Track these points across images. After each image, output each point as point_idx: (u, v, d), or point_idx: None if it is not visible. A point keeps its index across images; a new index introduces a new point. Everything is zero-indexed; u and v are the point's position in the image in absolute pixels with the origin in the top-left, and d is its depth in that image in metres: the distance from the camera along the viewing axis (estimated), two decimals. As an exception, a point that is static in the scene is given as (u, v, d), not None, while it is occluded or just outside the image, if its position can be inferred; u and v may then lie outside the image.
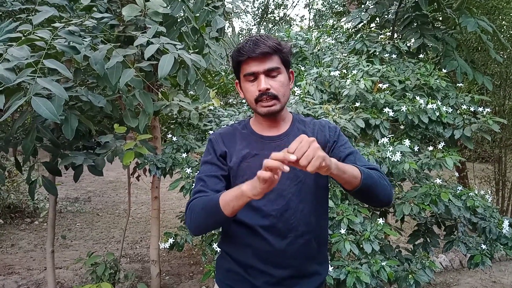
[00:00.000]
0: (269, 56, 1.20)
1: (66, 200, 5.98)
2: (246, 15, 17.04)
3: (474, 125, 2.60)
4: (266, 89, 1.19)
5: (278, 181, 1.17)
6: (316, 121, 1.38)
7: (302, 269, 1.27)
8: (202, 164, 1.31)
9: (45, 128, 2.23)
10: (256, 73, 1.20)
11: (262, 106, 1.22)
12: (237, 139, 1.30)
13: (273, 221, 1.23)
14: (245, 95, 1.28)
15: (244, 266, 1.27)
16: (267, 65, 1.20)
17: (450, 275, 3.79)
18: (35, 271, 3.67)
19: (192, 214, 1.17)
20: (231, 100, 4.16)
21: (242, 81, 1.26)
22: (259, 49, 1.18)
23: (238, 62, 1.23)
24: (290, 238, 1.23)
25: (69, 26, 1.88)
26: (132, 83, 1.92)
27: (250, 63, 1.20)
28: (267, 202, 1.23)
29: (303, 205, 1.26)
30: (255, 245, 1.25)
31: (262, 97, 1.21)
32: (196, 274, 3.70)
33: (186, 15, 2.41)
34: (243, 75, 1.23)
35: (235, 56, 1.24)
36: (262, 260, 1.24)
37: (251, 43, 1.19)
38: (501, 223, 2.50)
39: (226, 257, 1.33)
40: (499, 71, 4.30)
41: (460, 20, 3.26)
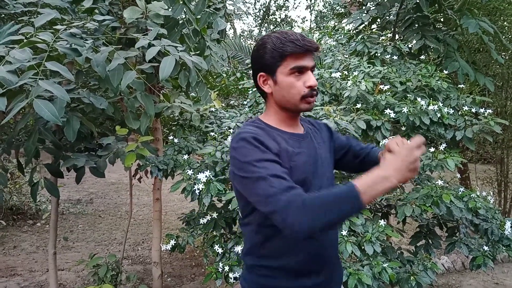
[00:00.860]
0: (313, 52, 1.18)
1: (68, 202, 5.99)
2: (247, 16, 17.07)
3: (476, 126, 2.59)
4: (316, 85, 1.18)
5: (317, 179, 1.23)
6: (311, 119, 1.43)
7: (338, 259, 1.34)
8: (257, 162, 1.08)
9: (47, 130, 2.24)
10: (305, 68, 1.16)
11: (307, 102, 1.18)
12: (276, 138, 1.18)
13: None
14: (283, 90, 1.18)
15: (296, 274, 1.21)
16: (312, 61, 1.18)
17: (453, 276, 3.78)
18: (37, 273, 3.67)
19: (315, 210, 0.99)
20: (232, 101, 4.16)
21: (282, 74, 1.16)
22: (311, 43, 1.15)
23: (284, 53, 1.14)
24: (329, 233, 1.27)
25: (71, 29, 1.89)
26: (134, 85, 1.92)
27: (300, 56, 1.14)
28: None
29: None
30: (307, 247, 1.20)
31: (310, 94, 1.17)
32: (198, 276, 3.70)
33: (187, 17, 2.41)
34: (290, 69, 1.15)
35: (280, 46, 1.14)
36: (315, 261, 1.22)
37: (298, 36, 1.14)
38: (503, 224, 2.50)
39: (269, 275, 1.22)
40: (501, 72, 4.30)
41: (461, 21, 3.26)
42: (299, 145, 1.23)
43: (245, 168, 1.09)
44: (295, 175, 1.15)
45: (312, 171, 1.22)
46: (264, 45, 1.18)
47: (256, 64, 1.23)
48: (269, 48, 1.17)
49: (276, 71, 1.17)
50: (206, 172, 2.42)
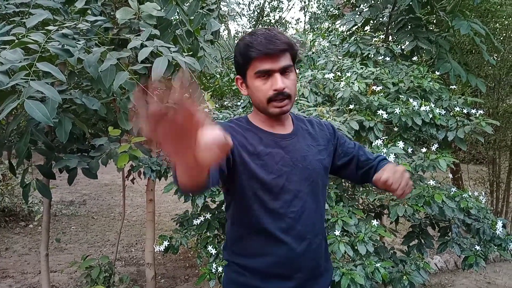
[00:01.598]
0: (284, 53, 1.13)
1: (60, 204, 5.95)
2: (241, 18, 17.08)
3: (467, 127, 2.62)
4: (283, 89, 1.13)
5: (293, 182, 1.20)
6: (313, 119, 1.38)
7: (318, 269, 1.27)
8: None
9: (39, 131, 2.22)
10: (271, 71, 1.13)
11: (275, 106, 1.16)
12: (248, 135, 1.19)
13: (291, 224, 1.19)
14: (253, 94, 1.18)
15: (264, 276, 1.21)
16: (282, 62, 1.13)
17: (445, 276, 3.81)
18: (30, 274, 3.64)
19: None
20: (226, 102, 4.17)
21: (250, 78, 1.17)
22: (275, 45, 1.11)
23: (249, 58, 1.13)
24: (308, 240, 1.22)
25: (62, 29, 1.88)
26: (126, 85, 1.91)
27: (263, 60, 1.12)
28: (284, 204, 1.19)
29: (316, 205, 1.26)
30: (276, 251, 1.19)
31: (277, 97, 1.14)
32: (191, 277, 3.69)
33: (181, 18, 2.41)
34: (255, 73, 1.14)
35: (245, 51, 1.13)
36: (284, 267, 1.20)
37: (263, 38, 1.11)
38: (495, 224, 2.52)
39: (240, 271, 1.24)
40: (493, 73, 4.34)
41: (453, 23, 3.28)
42: (275, 145, 1.20)
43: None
44: (261, 173, 1.16)
45: (287, 173, 1.19)
46: (236, 49, 1.18)
47: (235, 67, 1.24)
48: (238, 52, 1.17)
49: (246, 75, 1.18)
50: (199, 173, 2.42)
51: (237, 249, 1.25)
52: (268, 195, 1.17)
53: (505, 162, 4.69)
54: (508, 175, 4.62)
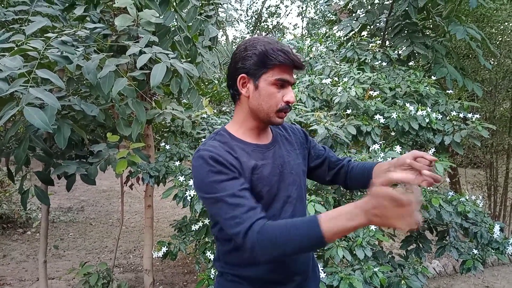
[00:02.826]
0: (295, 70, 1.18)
1: (59, 210, 5.94)
2: (238, 23, 17.15)
3: (464, 131, 2.63)
4: (293, 102, 1.18)
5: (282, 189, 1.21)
6: (286, 125, 1.40)
7: (309, 269, 1.30)
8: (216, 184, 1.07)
9: (38, 137, 2.23)
10: (288, 83, 1.16)
11: (280, 117, 1.18)
12: (236, 152, 1.15)
13: None
14: (260, 98, 1.15)
15: (261, 283, 1.21)
16: (294, 76, 1.19)
17: (444, 280, 3.81)
18: (28, 282, 3.63)
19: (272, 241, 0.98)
20: (224, 108, 4.18)
21: (265, 82, 1.13)
22: (301, 61, 1.15)
23: (274, 62, 1.11)
24: None
25: (62, 36, 1.90)
26: (125, 92, 1.93)
27: (287, 69, 1.13)
28: (276, 212, 1.19)
29: (303, 208, 1.29)
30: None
31: (286, 109, 1.17)
32: (190, 283, 3.69)
33: (179, 25, 2.43)
34: (275, 78, 1.12)
35: (273, 54, 1.10)
36: (282, 272, 1.21)
37: (290, 49, 1.14)
38: (492, 227, 2.53)
39: (236, 280, 1.22)
40: (489, 77, 4.36)
41: (449, 28, 3.31)
42: (263, 156, 1.20)
43: (204, 188, 1.09)
44: (258, 187, 1.15)
45: (277, 181, 1.20)
46: (254, 47, 1.13)
47: (239, 64, 1.16)
48: (260, 51, 1.12)
49: (260, 77, 1.14)
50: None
51: (230, 260, 1.23)
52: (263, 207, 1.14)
53: (502, 166, 4.70)
54: (506, 179, 4.64)
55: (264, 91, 1.14)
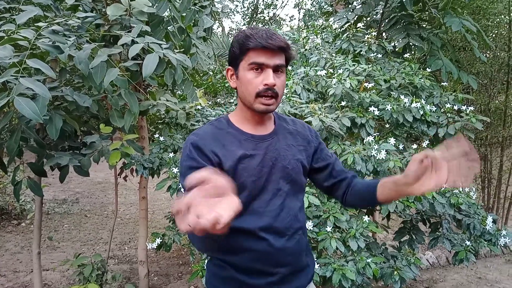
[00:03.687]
0: (280, 52, 1.14)
1: (53, 202, 5.92)
2: (234, 14, 17.04)
3: (458, 123, 2.64)
4: (273, 85, 1.13)
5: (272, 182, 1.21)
6: (297, 120, 1.38)
7: (298, 264, 1.29)
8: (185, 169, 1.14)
9: (30, 128, 2.21)
10: (265, 65, 1.13)
11: (261, 102, 1.15)
12: (226, 139, 1.19)
13: (270, 222, 1.21)
14: (242, 85, 1.17)
15: (245, 271, 1.23)
16: (277, 60, 1.14)
17: (437, 271, 3.84)
18: (22, 273, 3.63)
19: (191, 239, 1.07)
20: (219, 99, 4.16)
21: (243, 69, 1.16)
22: (275, 41, 1.12)
23: (246, 48, 1.13)
24: (287, 236, 1.24)
25: (53, 26, 1.87)
26: (117, 82, 1.91)
27: (260, 52, 1.12)
28: (263, 204, 1.20)
29: (294, 203, 1.27)
30: (256, 248, 1.21)
31: (266, 92, 1.14)
32: (185, 274, 3.70)
33: (172, 15, 2.41)
34: (249, 63, 1.14)
35: (244, 40, 1.13)
36: (264, 262, 1.22)
37: (264, 33, 1.12)
38: (485, 219, 2.55)
39: (223, 266, 1.26)
40: (484, 70, 4.36)
41: (445, 20, 3.30)
42: (255, 147, 1.21)
43: (180, 169, 1.21)
44: (242, 177, 1.17)
45: (267, 173, 1.20)
46: (234, 39, 1.18)
47: (228, 57, 1.23)
48: (235, 41, 1.17)
49: (239, 65, 1.17)
50: (191, 170, 2.42)
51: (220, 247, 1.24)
52: (248, 197, 1.19)
53: (496, 159, 4.72)
54: (500, 171, 4.66)
55: (243, 78, 1.16)
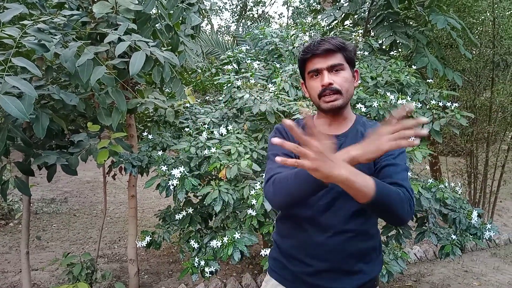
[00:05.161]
0: (333, 53, 1.24)
1: (42, 201, 5.86)
2: (222, 12, 17.00)
3: (443, 119, 2.68)
4: (329, 84, 1.22)
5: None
6: (377, 125, 1.35)
7: (342, 265, 1.28)
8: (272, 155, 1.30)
9: (17, 127, 2.20)
10: (319, 70, 1.24)
11: (324, 101, 1.25)
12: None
13: (316, 214, 1.27)
14: (309, 93, 1.31)
15: (286, 255, 1.35)
16: (330, 61, 1.24)
17: (424, 265, 3.90)
18: (10, 273, 3.60)
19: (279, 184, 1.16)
20: (208, 97, 4.16)
21: (307, 79, 1.30)
22: (322, 46, 1.23)
23: (303, 60, 1.27)
24: (330, 233, 1.26)
25: (38, 24, 1.86)
26: (104, 80, 1.90)
27: (314, 60, 1.25)
28: (316, 198, 1.23)
29: (350, 205, 1.24)
30: (297, 236, 1.32)
31: (325, 92, 1.24)
32: (175, 272, 3.70)
33: (160, 12, 2.40)
34: (308, 73, 1.28)
35: (300, 55, 1.28)
36: (302, 251, 1.31)
37: (315, 42, 1.25)
38: (471, 213, 2.59)
39: (274, 247, 1.42)
40: (469, 67, 4.43)
41: (430, 18, 3.34)
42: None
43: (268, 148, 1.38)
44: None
45: None
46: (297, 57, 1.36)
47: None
48: (298, 59, 1.33)
49: (304, 77, 1.32)
50: (180, 168, 2.43)
51: (278, 229, 1.43)
52: None
53: (482, 154, 4.79)
54: (485, 167, 4.73)
55: (308, 86, 1.31)
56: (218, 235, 2.43)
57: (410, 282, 3.53)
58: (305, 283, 1.31)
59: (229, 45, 6.83)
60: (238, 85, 3.02)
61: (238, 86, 3.03)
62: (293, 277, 1.34)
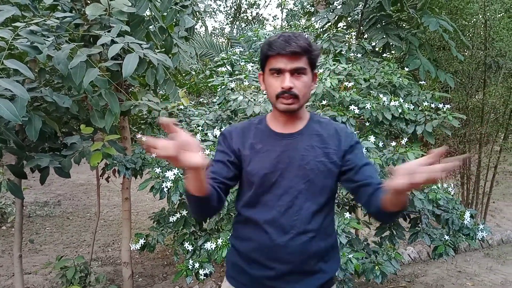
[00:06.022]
0: (298, 55, 1.21)
1: (35, 204, 5.83)
2: (217, 14, 17.01)
3: (435, 121, 2.70)
4: (289, 88, 1.21)
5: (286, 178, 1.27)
6: (335, 124, 1.38)
7: (303, 266, 1.28)
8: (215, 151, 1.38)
9: (9, 130, 2.18)
10: (282, 70, 1.22)
11: (281, 102, 1.24)
12: (251, 134, 1.34)
13: (276, 216, 1.26)
14: (266, 89, 1.30)
15: (247, 259, 1.32)
16: (294, 64, 1.22)
17: (418, 266, 3.92)
18: (3, 277, 3.57)
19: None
20: (202, 99, 4.16)
21: (266, 74, 1.28)
22: (290, 47, 1.20)
23: (267, 55, 1.25)
24: (291, 234, 1.25)
25: (31, 26, 1.85)
26: (97, 82, 1.90)
27: (278, 59, 1.22)
28: (273, 197, 1.28)
29: (310, 204, 1.27)
30: (257, 239, 1.29)
31: (283, 95, 1.23)
32: (169, 275, 3.69)
33: (153, 14, 2.40)
34: (269, 69, 1.25)
35: (264, 49, 1.25)
36: (263, 254, 1.28)
37: (283, 40, 1.21)
38: (463, 214, 2.61)
39: (233, 251, 1.39)
40: (462, 69, 4.46)
41: (422, 20, 3.37)
42: (274, 143, 1.31)
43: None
44: (255, 168, 1.29)
45: (282, 169, 1.27)
46: (261, 47, 1.30)
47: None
48: (261, 50, 1.30)
49: (264, 71, 1.30)
50: (174, 170, 2.42)
51: (235, 232, 1.41)
52: (260, 188, 1.29)
53: (475, 155, 4.83)
54: (478, 168, 4.77)
55: (267, 82, 1.29)
56: (212, 237, 2.43)
57: (404, 283, 3.55)
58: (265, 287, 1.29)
59: (223, 47, 6.84)
60: (232, 87, 3.03)
61: (232, 88, 3.03)
62: (252, 282, 1.32)
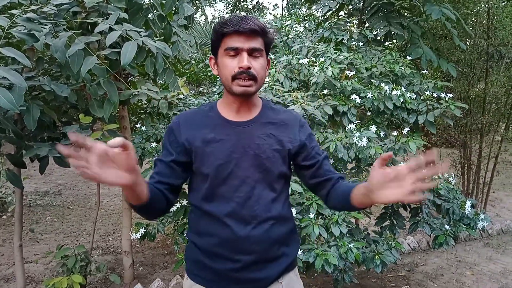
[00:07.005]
0: (255, 35, 1.16)
1: (35, 194, 5.83)
2: (216, 2, 16.86)
3: (437, 110, 2.68)
4: (247, 67, 1.15)
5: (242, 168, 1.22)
6: (288, 112, 1.35)
7: (267, 254, 1.26)
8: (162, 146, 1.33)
9: (7, 119, 2.17)
10: (239, 49, 1.16)
11: (238, 84, 1.17)
12: (202, 123, 1.26)
13: (236, 208, 1.22)
14: (220, 71, 1.21)
15: (209, 255, 1.26)
16: (252, 43, 1.16)
17: (418, 255, 3.93)
18: (4, 266, 3.58)
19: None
20: (202, 88, 4.14)
21: (220, 55, 1.20)
22: (248, 25, 1.14)
23: (222, 34, 1.17)
24: (253, 224, 1.23)
25: (27, 13, 1.83)
26: (95, 71, 1.88)
27: (234, 37, 1.15)
28: (230, 189, 1.22)
29: (267, 192, 1.25)
30: (219, 233, 1.23)
31: (241, 75, 1.15)
32: (170, 264, 3.70)
33: (152, 2, 2.37)
34: (224, 49, 1.17)
35: (218, 27, 1.17)
36: (226, 248, 1.23)
37: (239, 18, 1.15)
38: (464, 204, 2.61)
39: (192, 247, 1.31)
40: (464, 58, 4.42)
41: (425, 8, 3.33)
42: (228, 132, 1.24)
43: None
44: (209, 160, 1.22)
45: (237, 159, 1.22)
46: (213, 28, 1.22)
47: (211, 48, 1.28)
48: (213, 30, 1.22)
49: (217, 52, 1.22)
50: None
51: (193, 227, 1.32)
52: (216, 180, 1.22)
53: (475, 145, 4.82)
54: (479, 158, 4.76)
55: (221, 64, 1.20)
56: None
57: (404, 272, 3.56)
58: (231, 280, 1.26)
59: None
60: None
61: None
62: (216, 276, 1.27)
